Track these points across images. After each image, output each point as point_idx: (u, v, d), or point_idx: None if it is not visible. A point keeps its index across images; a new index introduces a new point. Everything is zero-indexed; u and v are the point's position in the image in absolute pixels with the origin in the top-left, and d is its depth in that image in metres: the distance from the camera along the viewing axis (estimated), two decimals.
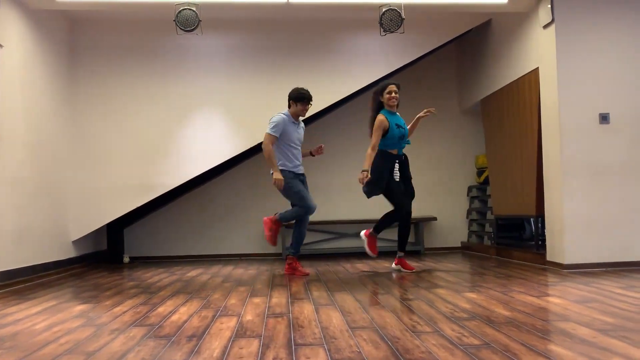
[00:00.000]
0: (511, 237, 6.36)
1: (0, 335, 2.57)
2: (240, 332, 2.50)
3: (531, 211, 5.37)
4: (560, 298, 3.28)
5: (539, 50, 5.10)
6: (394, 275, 4.64)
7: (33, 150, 4.93)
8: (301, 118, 4.99)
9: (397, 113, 4.92)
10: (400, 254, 4.91)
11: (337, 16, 5.94)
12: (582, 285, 3.80)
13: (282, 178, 4.66)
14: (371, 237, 5.00)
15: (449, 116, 7.23)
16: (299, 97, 4.77)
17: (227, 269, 5.40)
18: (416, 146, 7.11)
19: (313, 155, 5.09)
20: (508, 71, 5.81)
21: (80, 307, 3.31)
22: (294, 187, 4.76)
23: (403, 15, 4.89)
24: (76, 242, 5.79)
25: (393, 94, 4.76)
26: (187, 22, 4.75)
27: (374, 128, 4.69)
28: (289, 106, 4.85)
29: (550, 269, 4.81)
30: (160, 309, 3.18)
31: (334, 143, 6.96)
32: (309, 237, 6.87)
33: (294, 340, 2.33)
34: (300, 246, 4.92)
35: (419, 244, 6.81)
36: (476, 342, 2.24)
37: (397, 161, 4.76)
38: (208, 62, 5.99)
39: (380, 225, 4.91)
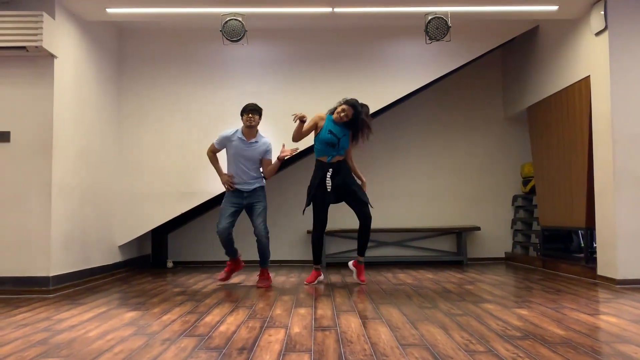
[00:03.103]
0: (557, 249, 6.19)
1: (57, 342, 2.64)
2: (290, 346, 2.50)
3: (581, 223, 5.21)
4: (616, 317, 3.16)
5: (591, 58, 4.95)
6: (440, 287, 4.57)
7: (82, 158, 5.06)
8: (262, 137, 4.87)
9: (345, 127, 4.75)
10: (317, 266, 4.96)
11: (382, 24, 5.92)
12: (638, 303, 3.65)
13: (226, 179, 4.86)
14: (359, 265, 4.96)
15: (494, 123, 7.10)
16: (242, 111, 4.78)
17: None
18: (459, 154, 7.05)
19: (280, 160, 4.88)
20: (556, 79, 5.66)
21: (130, 314, 3.37)
22: (222, 202, 4.92)
23: (449, 24, 4.82)
24: (122, 247, 5.92)
25: (342, 115, 4.63)
26: (233, 33, 4.80)
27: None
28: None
29: (601, 283, 4.65)
30: (208, 319, 3.21)
31: (377, 149, 6.93)
32: (347, 245, 6.86)
33: (344, 356, 2.31)
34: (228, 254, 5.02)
35: (462, 254, 6.69)
36: None
37: (329, 169, 4.68)
38: (252, 71, 6.05)
39: (361, 246, 4.89)
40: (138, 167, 5.95)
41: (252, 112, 4.75)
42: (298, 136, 4.76)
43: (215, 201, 6.40)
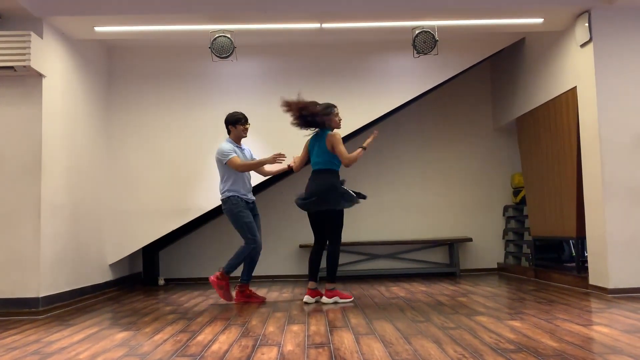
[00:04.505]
0: (549, 259, 6.21)
1: None
2: None
3: (571, 233, 5.24)
4: (609, 327, 3.17)
5: (577, 69, 5.01)
6: (433, 300, 4.56)
7: (72, 176, 5.03)
8: (244, 141, 4.97)
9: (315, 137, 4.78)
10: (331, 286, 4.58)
11: (370, 39, 5.96)
12: (630, 312, 3.66)
13: (272, 156, 4.68)
14: (335, 291, 4.58)
15: (484, 134, 7.14)
16: (237, 120, 4.82)
17: (261, 292, 5.37)
18: (449, 165, 7.08)
19: (290, 169, 4.98)
20: (544, 90, 5.72)
21: (121, 335, 3.33)
22: (245, 216, 4.71)
23: (437, 37, 4.87)
24: (112, 266, 5.87)
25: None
26: (223, 49, 4.82)
27: (337, 141, 4.54)
28: (229, 132, 4.86)
29: (593, 293, 4.67)
30: (200, 338, 3.18)
31: (365, 163, 6.94)
32: (340, 259, 6.82)
33: None
34: (252, 273, 4.83)
35: (454, 266, 6.70)
36: None
37: (310, 177, 4.69)
38: (241, 87, 6.07)
39: (331, 271, 4.57)
40: (128, 185, 5.92)
41: (247, 122, 4.88)
42: (299, 167, 4.88)
43: (207, 217, 6.39)
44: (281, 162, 4.76)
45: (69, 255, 4.91)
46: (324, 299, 4.53)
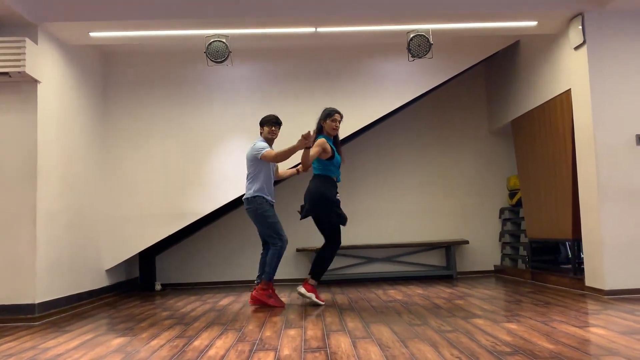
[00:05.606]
0: (546, 261, 6.22)
1: None
2: None
3: (567, 235, 5.25)
4: (605, 329, 3.17)
5: (571, 72, 5.04)
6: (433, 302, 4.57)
7: (67, 182, 5.02)
8: (275, 146, 4.92)
9: None
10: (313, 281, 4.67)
11: (365, 42, 5.98)
12: (626, 313, 3.67)
13: (303, 138, 4.37)
14: (314, 289, 4.66)
15: (479, 137, 7.17)
16: (262, 122, 4.88)
17: None
18: (446, 168, 7.09)
19: (298, 173, 5.08)
20: (539, 92, 5.74)
21: (117, 341, 3.32)
22: (270, 216, 4.75)
23: (431, 41, 4.89)
24: (109, 271, 5.86)
25: (337, 124, 4.70)
26: (218, 54, 4.82)
27: (316, 143, 4.56)
28: (261, 133, 4.91)
29: (589, 294, 4.68)
30: (196, 343, 3.18)
31: (362, 167, 6.96)
32: (337, 262, 6.84)
33: None
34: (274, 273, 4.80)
35: (451, 269, 6.70)
36: None
37: (336, 189, 4.70)
38: (237, 91, 6.07)
39: (320, 270, 4.66)
40: (124, 190, 5.92)
41: (275, 125, 4.87)
42: (308, 163, 4.62)
43: (203, 222, 6.38)
44: (310, 143, 4.46)
45: (65, 261, 4.89)
46: (301, 289, 4.65)
